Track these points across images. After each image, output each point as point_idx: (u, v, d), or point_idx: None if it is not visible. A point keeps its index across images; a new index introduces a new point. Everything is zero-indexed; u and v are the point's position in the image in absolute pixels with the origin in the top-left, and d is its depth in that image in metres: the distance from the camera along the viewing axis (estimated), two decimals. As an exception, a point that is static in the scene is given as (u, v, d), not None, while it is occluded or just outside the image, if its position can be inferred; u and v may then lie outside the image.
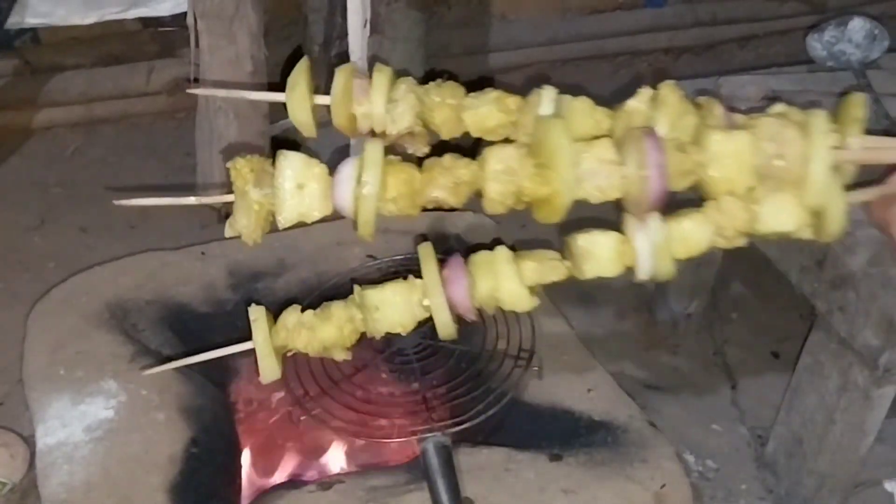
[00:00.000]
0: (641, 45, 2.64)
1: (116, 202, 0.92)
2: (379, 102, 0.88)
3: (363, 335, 0.94)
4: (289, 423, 1.20)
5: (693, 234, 0.85)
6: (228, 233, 0.86)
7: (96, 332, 1.22)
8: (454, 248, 1.00)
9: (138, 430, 1.07)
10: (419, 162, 0.88)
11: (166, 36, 2.24)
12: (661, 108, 0.87)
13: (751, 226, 0.84)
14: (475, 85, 0.93)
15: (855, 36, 1.58)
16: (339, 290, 1.21)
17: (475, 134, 0.90)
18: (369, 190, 0.81)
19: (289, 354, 0.94)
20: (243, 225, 0.84)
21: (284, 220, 0.83)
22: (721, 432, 1.54)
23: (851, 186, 0.88)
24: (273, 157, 0.87)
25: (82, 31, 2.11)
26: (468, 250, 0.93)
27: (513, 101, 0.89)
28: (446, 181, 0.84)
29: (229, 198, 0.86)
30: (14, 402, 1.47)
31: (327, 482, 1.04)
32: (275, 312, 1.04)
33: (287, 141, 2.00)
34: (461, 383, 1.12)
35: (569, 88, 0.92)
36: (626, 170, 0.84)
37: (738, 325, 1.77)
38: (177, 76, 2.19)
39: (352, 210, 0.83)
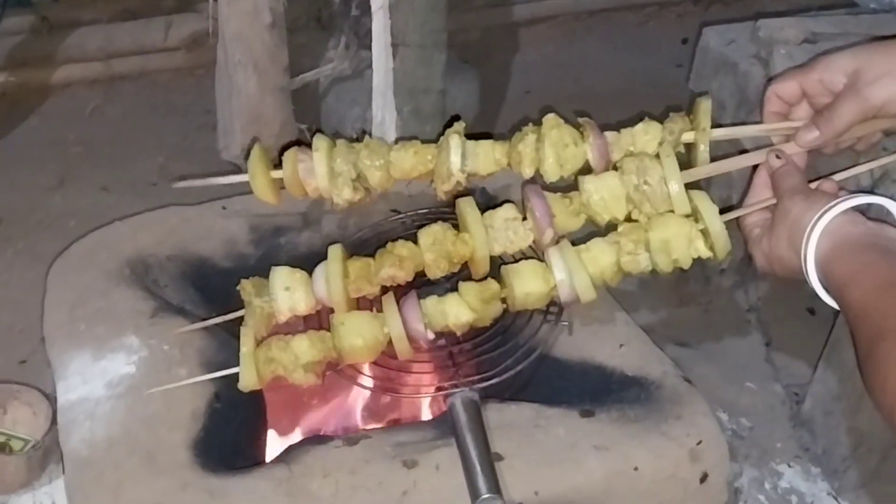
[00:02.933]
0: (670, -6, 2.56)
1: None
2: (323, 177, 1.11)
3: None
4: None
5: (601, 256, 1.03)
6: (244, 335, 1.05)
7: (117, 289, 1.19)
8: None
9: (160, 385, 1.05)
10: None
11: (183, -11, 2.21)
12: (545, 141, 1.06)
13: (644, 236, 1.01)
14: (498, 40, 0.98)
15: (900, -24, 1.51)
16: (365, 244, 1.18)
17: (400, 177, 1.13)
18: (335, 280, 1.03)
19: (270, 370, 1.01)
20: (251, 325, 1.04)
21: (280, 313, 1.05)
22: (755, 390, 1.51)
23: (724, 210, 1.01)
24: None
25: (99, -14, 2.09)
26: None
27: (429, 151, 1.11)
28: (392, 261, 1.04)
29: (240, 313, 1.08)
30: (37, 360, 1.46)
31: (353, 437, 1.01)
32: (298, 267, 1.08)
33: (308, 95, 1.96)
34: (489, 339, 1.10)
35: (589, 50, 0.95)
36: (527, 224, 1.06)
37: (773, 280, 1.72)
38: (195, 31, 2.15)
39: (327, 299, 1.04)
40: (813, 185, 0.96)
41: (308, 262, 1.09)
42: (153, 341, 1.11)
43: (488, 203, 1.29)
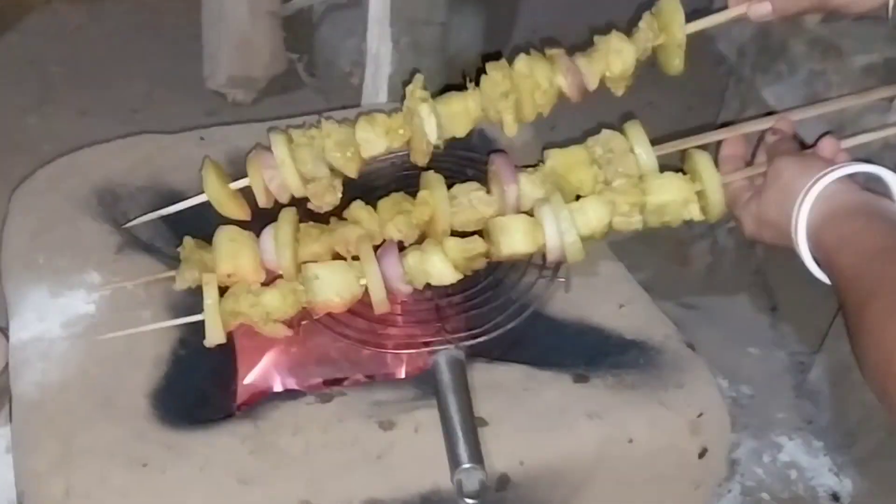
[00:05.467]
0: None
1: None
2: (297, 188, 1.01)
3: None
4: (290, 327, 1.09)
5: (593, 213, 0.96)
6: (177, 285, 0.99)
7: (82, 219, 1.11)
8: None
9: (121, 328, 0.97)
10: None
11: None
12: (518, 85, 1.01)
13: (641, 199, 0.96)
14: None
15: None
16: (352, 183, 1.09)
17: (373, 157, 1.05)
18: (284, 240, 0.96)
19: (235, 323, 0.94)
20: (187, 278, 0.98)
21: (220, 264, 0.96)
22: (758, 357, 1.44)
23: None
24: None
25: None
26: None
27: (397, 123, 1.03)
28: (347, 224, 0.99)
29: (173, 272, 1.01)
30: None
31: (328, 394, 0.94)
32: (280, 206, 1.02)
33: (300, 24, 1.85)
34: (479, 293, 1.02)
35: None
36: (492, 197, 1.01)
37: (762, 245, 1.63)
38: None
39: (274, 264, 0.97)
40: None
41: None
42: (116, 278, 1.03)
43: (488, 147, 1.20)
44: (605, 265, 1.11)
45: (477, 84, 1.03)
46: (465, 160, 1.17)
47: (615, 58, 1.01)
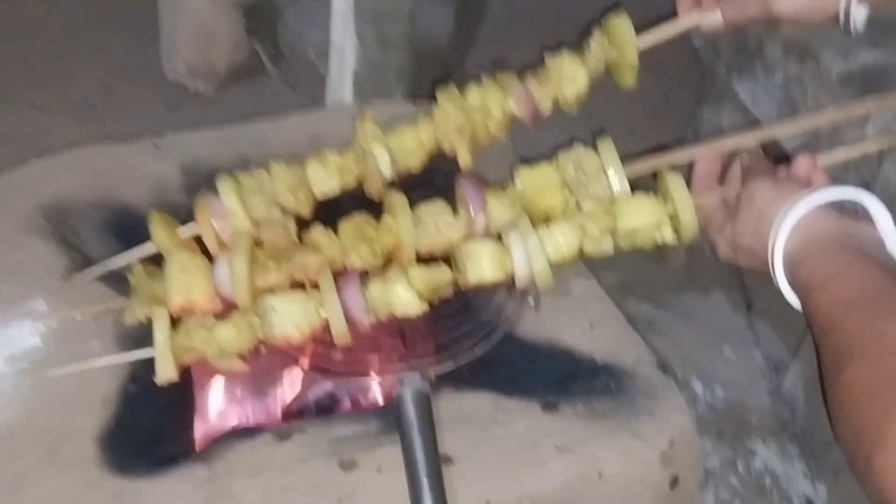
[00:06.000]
0: None
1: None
2: (240, 216, 0.96)
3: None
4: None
5: (563, 240, 0.92)
6: (128, 318, 0.94)
7: (29, 240, 1.05)
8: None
9: (70, 362, 0.92)
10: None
11: None
12: (469, 114, 0.99)
13: (612, 223, 0.92)
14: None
15: None
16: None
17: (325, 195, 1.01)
18: (239, 271, 0.90)
19: (189, 359, 0.89)
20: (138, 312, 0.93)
21: (171, 303, 0.91)
22: (733, 359, 1.41)
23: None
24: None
25: None
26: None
27: (349, 159, 0.99)
28: (306, 249, 0.94)
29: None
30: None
31: (286, 430, 0.90)
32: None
33: (263, 11, 1.78)
34: (446, 316, 0.98)
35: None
36: (458, 218, 0.96)
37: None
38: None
39: (230, 293, 0.91)
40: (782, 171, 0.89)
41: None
42: (64, 306, 0.98)
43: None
44: (577, 282, 1.08)
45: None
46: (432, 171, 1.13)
47: (567, 83, 0.98)
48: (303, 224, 0.99)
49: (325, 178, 0.98)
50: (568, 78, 0.99)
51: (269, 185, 0.97)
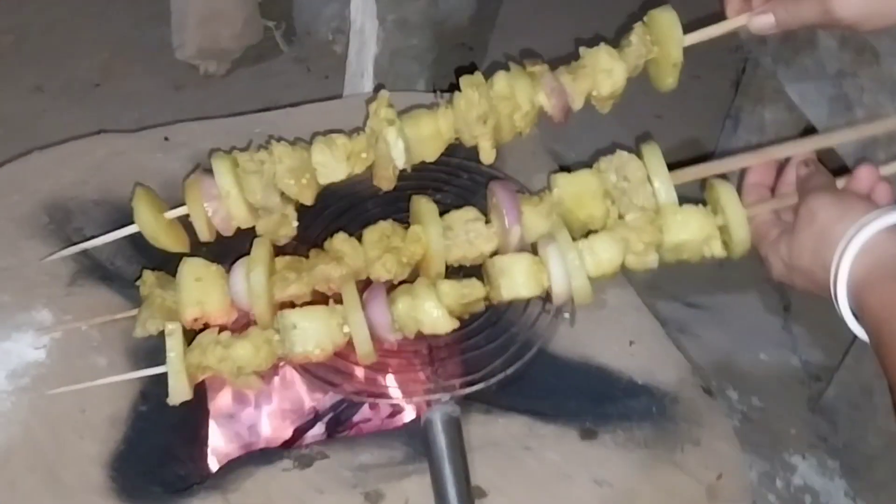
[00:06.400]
0: None
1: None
2: (244, 220, 0.89)
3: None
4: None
5: (605, 254, 0.86)
6: (138, 332, 0.88)
7: (29, 243, 0.99)
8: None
9: (74, 379, 0.86)
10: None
11: None
12: (496, 107, 0.90)
13: (658, 237, 0.86)
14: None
15: None
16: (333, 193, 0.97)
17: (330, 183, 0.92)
18: (257, 285, 0.84)
19: (203, 377, 0.83)
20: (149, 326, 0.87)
21: (185, 315, 0.85)
22: (769, 364, 1.35)
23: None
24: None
25: None
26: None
27: (359, 145, 0.91)
28: (328, 259, 0.87)
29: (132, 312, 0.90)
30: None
31: (307, 456, 0.84)
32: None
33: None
34: (475, 331, 0.91)
35: None
36: (490, 227, 0.89)
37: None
38: None
39: (247, 302, 0.85)
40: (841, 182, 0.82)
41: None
42: (68, 317, 0.92)
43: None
44: (614, 292, 1.01)
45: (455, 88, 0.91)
46: (459, 168, 1.06)
47: (604, 78, 0.90)
48: (304, 211, 0.92)
49: (332, 164, 0.89)
50: (605, 72, 0.91)
51: (269, 167, 0.88)
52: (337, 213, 1.00)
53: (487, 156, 0.93)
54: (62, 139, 1.13)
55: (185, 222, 0.94)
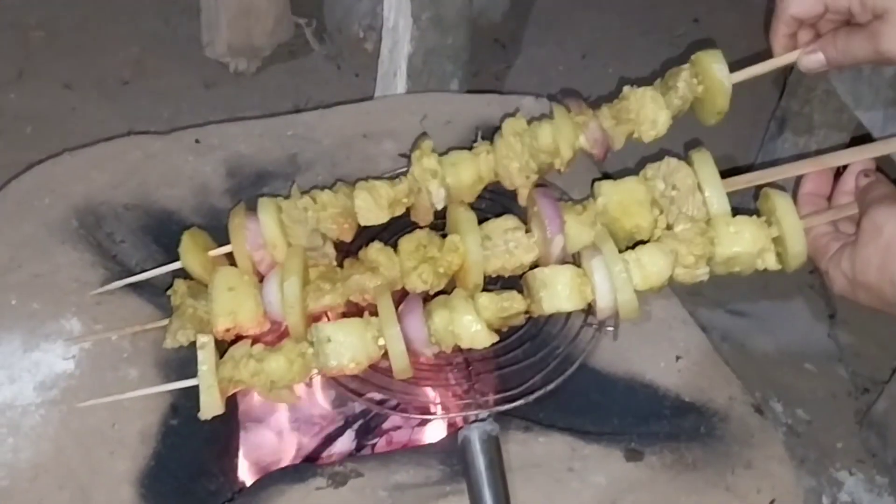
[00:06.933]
0: None
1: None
2: (281, 248, 0.87)
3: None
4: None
5: (653, 267, 0.82)
6: (168, 343, 0.86)
7: (60, 248, 0.97)
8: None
9: (103, 391, 0.84)
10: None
11: None
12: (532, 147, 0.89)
13: (709, 250, 0.83)
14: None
15: None
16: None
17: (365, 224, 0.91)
18: (291, 296, 0.82)
19: (235, 391, 0.82)
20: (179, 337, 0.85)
21: (217, 326, 0.84)
22: (815, 374, 1.30)
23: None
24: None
25: None
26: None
27: (400, 191, 0.89)
28: (362, 269, 0.86)
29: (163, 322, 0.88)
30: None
31: (341, 474, 0.81)
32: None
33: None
34: (515, 345, 0.88)
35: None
36: (530, 236, 0.86)
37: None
38: None
39: (280, 313, 0.84)
40: None
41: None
42: (99, 326, 0.90)
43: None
44: (659, 304, 0.97)
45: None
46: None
47: (648, 128, 0.88)
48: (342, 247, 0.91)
49: (374, 210, 0.89)
50: (650, 122, 0.88)
51: (312, 213, 0.88)
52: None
53: (524, 199, 0.91)
54: (91, 136, 1.11)
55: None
